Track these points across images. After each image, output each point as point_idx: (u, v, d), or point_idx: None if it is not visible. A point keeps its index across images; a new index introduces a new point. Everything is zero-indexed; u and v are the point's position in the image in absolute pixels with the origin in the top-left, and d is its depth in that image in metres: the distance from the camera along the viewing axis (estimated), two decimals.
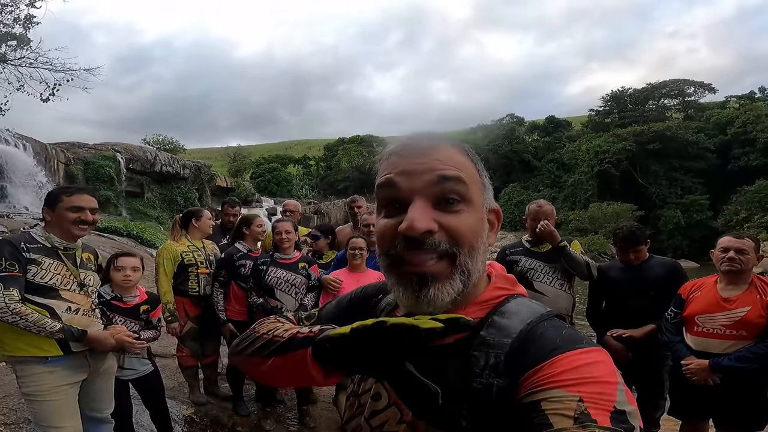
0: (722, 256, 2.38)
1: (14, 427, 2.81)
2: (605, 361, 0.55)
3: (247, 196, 28.82)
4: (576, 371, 0.53)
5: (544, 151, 41.63)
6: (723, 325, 2.33)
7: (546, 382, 0.53)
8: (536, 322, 0.61)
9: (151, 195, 22.16)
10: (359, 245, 3.09)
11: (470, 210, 0.62)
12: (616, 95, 44.91)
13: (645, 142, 33.87)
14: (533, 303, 0.66)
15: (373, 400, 0.69)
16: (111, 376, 2.34)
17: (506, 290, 0.67)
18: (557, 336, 0.58)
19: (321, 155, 52.66)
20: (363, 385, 0.74)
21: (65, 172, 18.16)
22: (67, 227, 2.06)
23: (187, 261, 3.39)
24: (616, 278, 2.95)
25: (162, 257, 3.38)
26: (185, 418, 3.32)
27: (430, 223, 0.58)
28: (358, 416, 0.72)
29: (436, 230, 0.59)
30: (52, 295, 2.01)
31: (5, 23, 11.80)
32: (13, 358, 2.03)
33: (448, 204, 0.60)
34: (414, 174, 0.60)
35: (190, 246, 3.47)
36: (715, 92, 42.55)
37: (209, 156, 52.41)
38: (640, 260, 2.88)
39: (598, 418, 0.48)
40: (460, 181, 0.61)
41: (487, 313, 0.64)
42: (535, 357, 0.56)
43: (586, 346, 0.56)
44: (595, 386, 0.51)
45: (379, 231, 0.64)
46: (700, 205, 31.73)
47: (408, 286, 0.60)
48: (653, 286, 2.76)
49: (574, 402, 0.50)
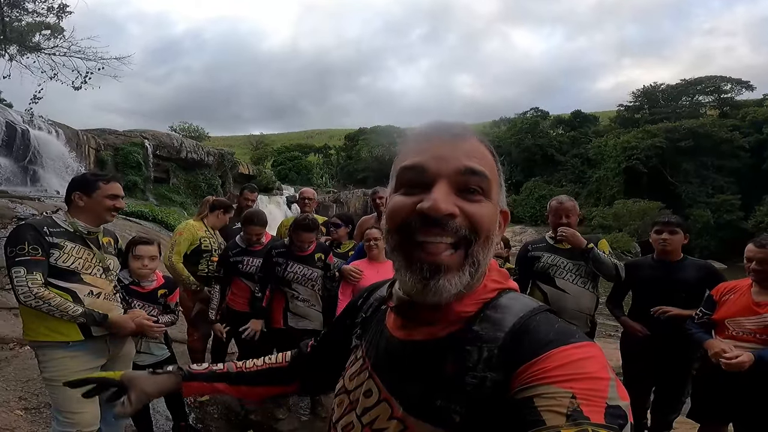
0: (747, 265, 2.36)
1: (35, 411, 2.86)
2: (597, 356, 0.54)
3: (268, 183, 29.17)
4: (569, 366, 0.52)
5: (569, 145, 40.60)
6: (753, 329, 2.28)
7: (539, 378, 0.52)
8: (528, 316, 0.60)
9: (177, 181, 22.61)
10: (374, 235, 3.06)
11: (488, 203, 0.62)
12: (648, 91, 43.33)
13: (676, 139, 32.67)
14: (525, 297, 0.66)
15: (364, 397, 0.69)
16: (129, 361, 2.38)
17: (499, 284, 0.67)
18: (550, 330, 0.58)
19: (341, 145, 52.74)
20: (354, 381, 0.73)
21: (96, 158, 18.68)
22: (102, 214, 2.13)
23: (204, 246, 3.50)
24: (645, 274, 2.87)
25: (182, 236, 3.45)
26: (199, 404, 3.39)
27: (453, 207, 0.58)
28: (349, 413, 0.72)
29: (458, 214, 0.59)
30: (74, 279, 2.04)
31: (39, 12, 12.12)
32: (35, 343, 2.07)
33: (469, 193, 0.60)
34: (442, 159, 0.61)
35: (207, 232, 3.57)
36: (753, 90, 40.53)
37: (232, 144, 53.22)
38: (671, 247, 2.78)
39: (591, 415, 0.48)
40: (485, 177, 0.62)
41: (480, 308, 0.63)
42: (529, 351, 0.55)
43: (579, 340, 0.56)
44: (588, 382, 0.51)
45: (394, 207, 0.63)
46: (731, 205, 30.52)
47: (418, 272, 0.59)
48: (684, 287, 2.67)
49: (567, 398, 0.49)
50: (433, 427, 0.58)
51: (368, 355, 0.73)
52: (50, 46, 12.40)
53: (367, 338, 0.76)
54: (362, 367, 0.73)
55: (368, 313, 0.81)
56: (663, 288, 2.74)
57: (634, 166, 32.74)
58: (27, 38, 12.20)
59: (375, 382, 0.69)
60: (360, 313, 0.83)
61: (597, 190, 35.40)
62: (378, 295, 0.82)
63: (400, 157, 0.66)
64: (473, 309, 0.63)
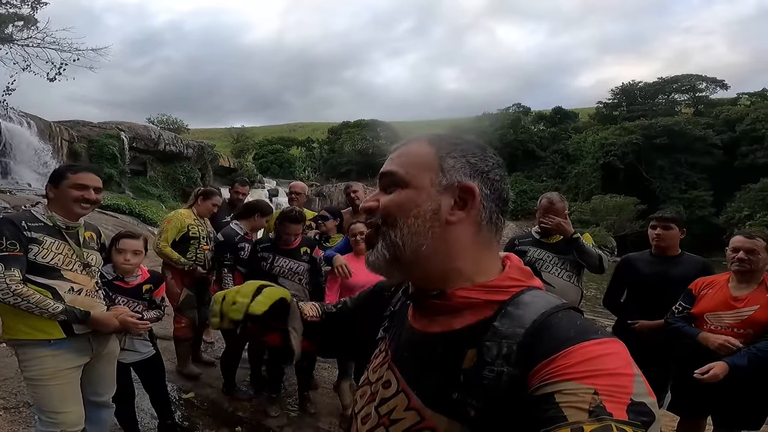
0: (732, 255, 2.38)
1: (14, 411, 2.79)
2: (620, 352, 0.53)
3: (250, 176, 28.76)
4: (590, 363, 0.51)
5: (549, 141, 41.27)
6: (731, 324, 2.33)
7: (559, 374, 0.52)
8: (550, 312, 0.60)
9: (154, 174, 22.16)
10: (359, 230, 3.05)
11: (405, 191, 0.69)
12: (626, 88, 44.29)
13: (652, 136, 33.51)
14: (549, 295, 0.66)
15: (383, 388, 0.71)
16: (113, 360, 2.32)
17: (519, 281, 0.67)
18: (571, 327, 0.57)
19: (325, 138, 52.33)
20: (376, 373, 0.75)
21: (69, 150, 18.12)
22: (69, 205, 2.01)
23: (192, 233, 3.59)
24: (642, 269, 2.90)
25: (171, 224, 3.59)
26: (185, 401, 3.34)
27: (372, 202, 0.72)
28: (368, 404, 0.73)
29: (376, 208, 0.71)
30: (54, 276, 1.96)
31: (12, 3, 11.63)
32: (16, 342, 1.99)
33: (386, 189, 0.71)
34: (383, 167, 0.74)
35: (196, 220, 3.67)
36: (727, 89, 41.94)
37: (213, 136, 52.19)
38: (666, 243, 2.82)
39: (613, 411, 0.47)
40: (394, 175, 0.71)
41: (501, 304, 0.63)
42: (549, 348, 0.55)
43: (601, 337, 0.55)
44: (610, 378, 0.50)
45: None
46: (703, 201, 31.51)
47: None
48: (680, 282, 2.67)
49: (589, 395, 0.49)
50: (449, 419, 0.59)
51: (390, 347, 0.75)
52: (23, 38, 11.95)
53: (391, 331, 0.78)
54: (384, 359, 0.75)
55: (396, 307, 0.83)
56: (659, 283, 2.76)
57: (611, 162, 33.46)
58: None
59: (394, 374, 0.70)
60: (389, 306, 0.85)
61: (576, 186, 36.08)
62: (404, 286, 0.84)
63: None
64: (482, 296, 0.64)
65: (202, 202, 3.72)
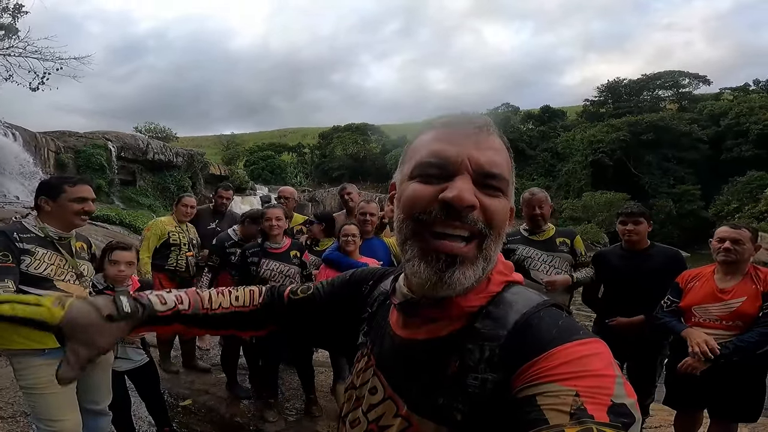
0: (718, 246, 2.38)
1: (11, 420, 2.79)
2: (602, 352, 0.53)
3: (241, 183, 28.62)
4: (572, 364, 0.51)
5: (539, 140, 41.60)
6: (719, 316, 2.33)
7: (541, 376, 0.52)
8: (532, 312, 0.59)
9: (144, 183, 21.93)
10: (351, 232, 3.06)
11: (506, 199, 0.63)
12: (612, 86, 44.83)
13: (639, 133, 33.94)
14: (529, 291, 0.65)
15: (370, 394, 0.70)
16: (108, 368, 2.33)
17: (505, 276, 0.66)
18: (553, 327, 0.56)
19: (315, 143, 52.26)
20: (361, 377, 0.74)
21: (55, 161, 17.87)
22: (70, 218, 2.04)
23: (172, 240, 3.72)
24: (615, 264, 2.93)
25: (150, 231, 3.75)
26: (182, 408, 3.32)
27: (475, 199, 0.58)
28: (356, 409, 0.72)
29: (477, 206, 0.59)
30: (46, 286, 1.98)
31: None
32: (10, 352, 2.01)
33: (489, 189, 0.61)
34: (466, 153, 0.60)
35: (177, 228, 3.80)
36: (710, 84, 42.63)
37: (202, 144, 51.96)
38: (638, 237, 2.84)
39: (595, 413, 0.47)
40: (504, 180, 0.62)
41: (484, 303, 0.62)
42: (531, 349, 0.54)
43: (583, 337, 0.55)
44: (592, 380, 0.50)
45: (413, 194, 0.61)
46: (691, 195, 31.95)
47: (432, 263, 0.59)
48: (653, 274, 2.71)
49: (570, 397, 0.49)
50: (436, 424, 0.58)
51: (373, 353, 0.73)
52: (5, 47, 11.83)
53: (372, 336, 0.76)
54: (368, 365, 0.73)
55: (374, 308, 0.80)
56: (633, 275, 2.79)
57: (599, 159, 33.82)
58: None
59: (380, 380, 0.69)
60: (366, 307, 0.81)
61: (566, 183, 36.40)
62: (382, 288, 0.81)
63: (420, 144, 0.65)
64: (480, 303, 0.62)
65: (176, 208, 3.88)
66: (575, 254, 3.02)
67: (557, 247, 2.96)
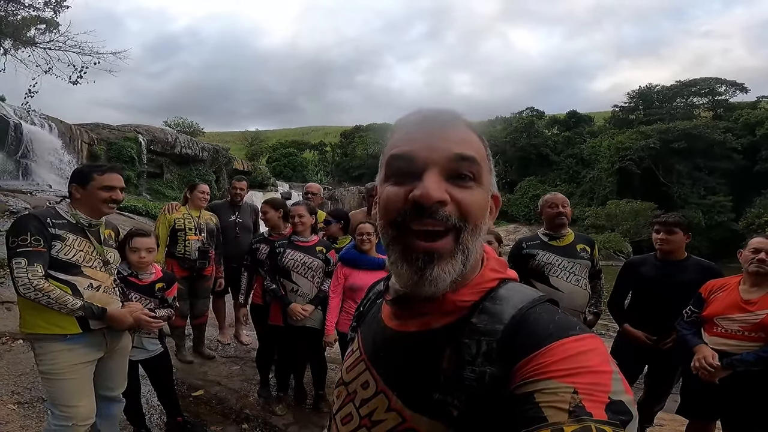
0: (752, 256, 2.32)
1: (27, 405, 2.86)
2: (599, 348, 0.53)
3: (263, 179, 29.08)
4: (570, 360, 0.51)
5: (564, 145, 40.77)
6: (742, 327, 2.30)
7: (539, 372, 0.51)
8: (528, 307, 0.59)
9: (170, 176, 22.52)
10: (367, 230, 3.07)
11: (480, 189, 0.62)
12: (643, 92, 43.54)
13: (670, 140, 32.91)
14: (524, 288, 0.65)
15: (362, 389, 0.69)
16: (126, 355, 2.37)
17: (499, 273, 0.66)
18: (550, 322, 0.57)
19: (337, 142, 52.61)
20: (351, 373, 0.73)
21: (89, 152, 18.53)
22: (98, 206, 2.08)
23: (177, 226, 3.87)
24: (647, 273, 2.86)
25: (159, 222, 3.95)
26: (194, 399, 3.39)
27: (444, 194, 0.58)
28: (347, 404, 0.71)
29: (448, 201, 0.58)
30: (74, 272, 2.02)
31: (35, 6, 12.00)
32: (32, 336, 2.05)
33: (461, 179, 0.60)
34: (432, 147, 0.60)
35: (185, 214, 3.95)
36: (747, 92, 40.82)
37: (227, 139, 52.88)
38: (669, 247, 2.78)
39: (593, 411, 0.47)
40: (476, 162, 0.61)
41: (479, 299, 0.62)
42: (529, 345, 0.54)
43: (580, 332, 0.55)
44: (590, 376, 0.50)
45: (386, 198, 0.62)
46: (722, 207, 30.83)
47: (413, 262, 0.59)
48: (685, 286, 2.62)
49: (569, 394, 0.49)
50: (430, 419, 0.58)
51: (364, 346, 0.73)
52: (45, 41, 12.30)
53: (363, 330, 0.76)
54: (358, 359, 0.72)
55: (365, 307, 0.81)
56: (663, 288, 2.73)
57: (626, 166, 32.95)
58: (22, 32, 12.10)
59: (371, 374, 0.68)
60: (359, 308, 0.84)
61: (590, 190, 35.62)
62: (376, 289, 0.81)
63: (389, 145, 0.65)
64: (473, 298, 0.62)
65: (190, 195, 4.01)
66: (593, 262, 2.97)
67: (578, 253, 2.88)
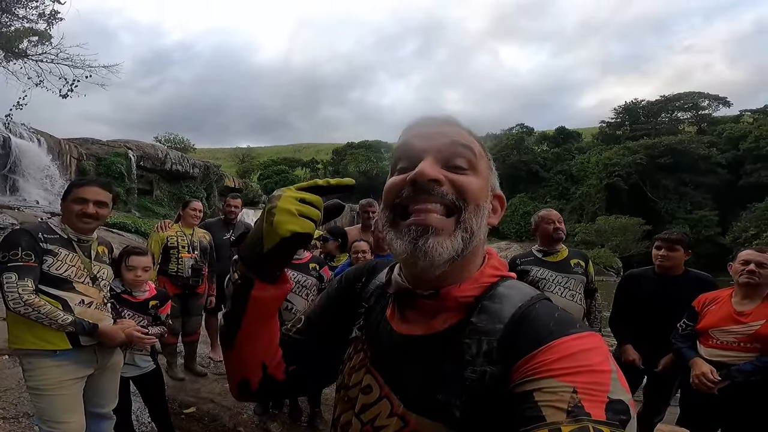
0: (742, 268, 2.36)
1: (13, 421, 2.79)
2: (599, 346, 0.53)
3: (254, 197, 29.02)
4: (570, 359, 0.51)
5: (553, 162, 41.50)
6: (737, 338, 2.32)
7: (539, 371, 0.51)
8: (528, 305, 0.59)
9: (160, 193, 22.38)
10: (362, 248, 3.08)
11: (477, 176, 0.63)
12: (629, 107, 44.68)
13: (656, 156, 33.67)
14: (523, 285, 0.65)
15: (363, 393, 0.67)
16: (117, 372, 2.33)
17: (499, 271, 0.66)
18: (551, 320, 0.56)
19: (329, 159, 52.91)
20: (353, 377, 0.70)
21: (77, 167, 18.40)
22: (72, 220, 2.03)
23: (170, 244, 3.84)
24: (646, 287, 2.89)
25: (151, 239, 3.91)
26: (186, 416, 3.32)
27: (438, 173, 0.60)
28: (348, 411, 0.69)
29: (444, 181, 0.60)
30: (66, 287, 1.99)
31: (29, 18, 12.03)
32: (21, 351, 2.01)
33: (457, 168, 0.62)
34: (428, 137, 0.64)
35: (178, 232, 3.91)
36: (730, 106, 42.15)
37: (219, 156, 52.91)
38: (670, 263, 2.82)
39: (592, 411, 0.47)
40: (470, 149, 0.64)
41: (477, 298, 0.62)
42: (529, 342, 0.54)
43: (580, 330, 0.54)
44: (590, 375, 0.49)
45: (387, 186, 0.65)
46: (708, 221, 31.43)
47: (406, 234, 0.60)
48: (684, 301, 2.64)
49: (568, 394, 0.48)
50: (432, 422, 0.57)
51: (368, 349, 0.71)
52: (37, 53, 12.29)
53: (368, 331, 0.73)
54: (362, 362, 0.70)
55: (371, 303, 0.77)
56: (664, 300, 2.75)
57: (615, 182, 33.55)
58: (14, 44, 12.08)
59: (375, 378, 0.66)
60: (362, 302, 0.78)
61: (580, 207, 36.12)
62: (377, 281, 0.78)
63: (395, 149, 0.69)
64: (474, 293, 0.62)
65: (183, 212, 3.98)
66: (588, 278, 3.00)
67: (572, 268, 2.92)
